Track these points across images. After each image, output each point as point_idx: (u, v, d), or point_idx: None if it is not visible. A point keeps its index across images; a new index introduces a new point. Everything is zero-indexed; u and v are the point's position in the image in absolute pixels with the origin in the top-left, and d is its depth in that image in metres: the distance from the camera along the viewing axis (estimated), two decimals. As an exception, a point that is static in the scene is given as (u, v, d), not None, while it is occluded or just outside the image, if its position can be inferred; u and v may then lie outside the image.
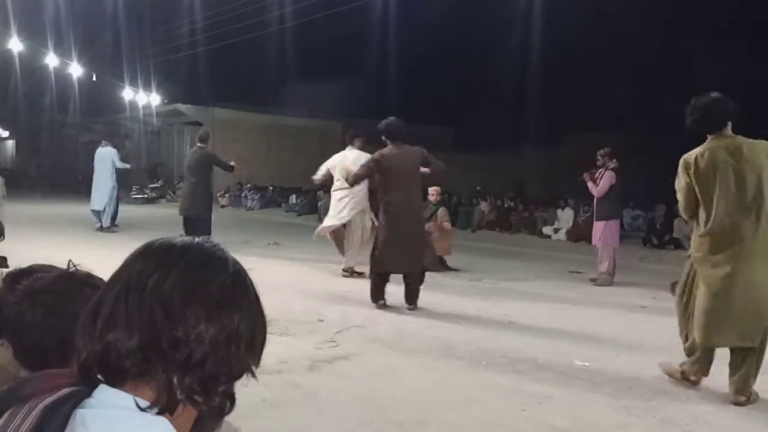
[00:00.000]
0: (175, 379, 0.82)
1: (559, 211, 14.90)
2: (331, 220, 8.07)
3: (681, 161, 3.87)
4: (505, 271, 9.36)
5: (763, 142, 3.76)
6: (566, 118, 25.90)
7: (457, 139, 31.51)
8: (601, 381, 4.07)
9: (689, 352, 3.93)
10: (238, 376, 0.89)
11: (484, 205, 16.72)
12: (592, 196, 8.65)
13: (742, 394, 3.68)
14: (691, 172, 3.78)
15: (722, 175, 3.70)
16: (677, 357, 4.05)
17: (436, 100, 30.32)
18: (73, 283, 1.27)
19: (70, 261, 1.34)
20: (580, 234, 12.99)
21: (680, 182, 3.89)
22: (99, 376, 0.85)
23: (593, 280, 8.47)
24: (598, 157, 8.41)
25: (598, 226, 8.37)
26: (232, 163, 10.09)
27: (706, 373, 3.91)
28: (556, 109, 25.95)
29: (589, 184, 8.38)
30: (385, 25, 24.00)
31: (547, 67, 25.50)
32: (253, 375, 0.92)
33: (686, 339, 3.95)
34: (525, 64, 25.79)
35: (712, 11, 21.60)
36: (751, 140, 3.77)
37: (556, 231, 14.34)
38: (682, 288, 3.97)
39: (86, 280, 1.29)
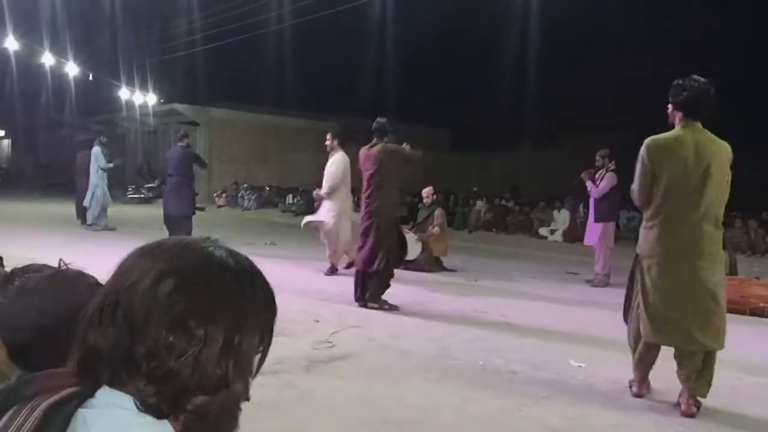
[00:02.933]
0: (141, 387, 0.80)
1: (555, 212, 14.93)
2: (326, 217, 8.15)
3: (645, 143, 3.71)
4: (501, 271, 9.38)
5: (726, 144, 3.66)
6: (563, 119, 25.96)
7: (454, 140, 31.55)
8: (597, 381, 4.08)
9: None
10: (217, 390, 0.83)
11: (480, 204, 16.74)
12: (587, 197, 8.67)
13: (695, 404, 3.57)
14: (653, 157, 3.66)
15: (683, 167, 3.58)
16: (670, 357, 4.05)
17: (433, 100, 30.33)
18: (65, 281, 1.26)
19: (61, 260, 1.33)
20: (576, 235, 13.02)
21: (640, 166, 3.72)
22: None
23: (589, 281, 8.49)
24: (598, 158, 8.40)
25: (597, 227, 8.34)
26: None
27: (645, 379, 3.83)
28: (554, 109, 26.00)
29: (588, 184, 8.34)
30: (382, 25, 23.98)
31: (543, 68, 25.52)
32: (245, 394, 0.86)
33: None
34: (521, 65, 25.80)
35: (711, 11, 21.66)
36: (718, 139, 3.66)
37: (552, 232, 14.37)
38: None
39: (78, 278, 1.28)
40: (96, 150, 12.23)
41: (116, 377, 0.82)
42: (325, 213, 8.10)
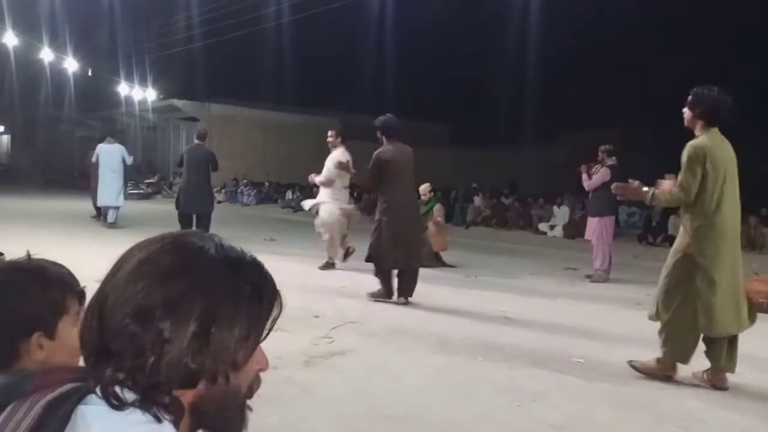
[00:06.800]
0: (108, 374, 0.80)
1: (555, 208, 14.94)
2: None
3: (694, 149, 3.88)
4: (500, 267, 9.38)
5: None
6: (563, 116, 25.94)
7: (454, 136, 31.55)
8: (596, 377, 4.08)
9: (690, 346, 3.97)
10: (194, 384, 0.82)
11: (477, 200, 16.76)
12: (587, 192, 8.70)
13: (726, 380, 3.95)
14: (707, 161, 3.85)
15: (729, 169, 3.90)
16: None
17: (434, 96, 30.32)
18: (20, 274, 1.20)
19: (27, 251, 1.29)
20: (576, 231, 13.02)
21: (694, 169, 3.87)
22: None
23: (589, 277, 8.49)
24: (599, 153, 8.44)
25: (592, 222, 8.40)
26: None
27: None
28: (554, 106, 25.98)
29: (583, 176, 8.38)
30: (382, 21, 23.96)
31: (544, 65, 25.52)
32: (213, 379, 0.83)
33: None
34: (522, 62, 25.79)
35: (709, 11, 21.65)
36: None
37: (551, 227, 14.38)
38: (679, 283, 3.96)
39: (35, 272, 1.21)
40: (121, 147, 12.18)
41: (96, 369, 0.82)
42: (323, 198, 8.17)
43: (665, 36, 23.51)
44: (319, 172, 8.31)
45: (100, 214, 12.30)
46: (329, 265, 8.21)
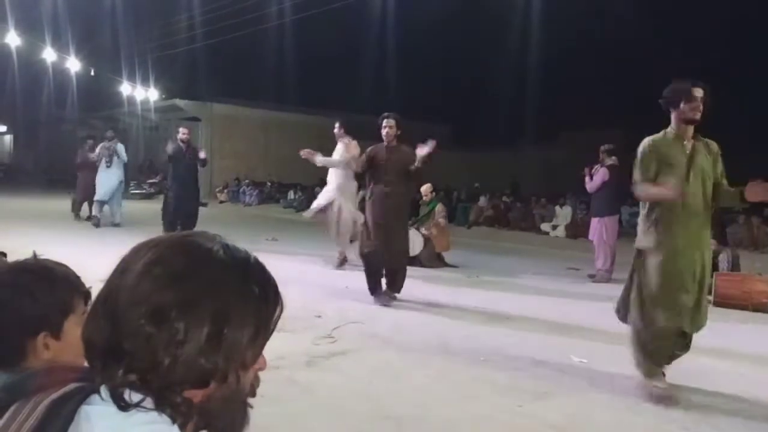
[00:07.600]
0: (119, 375, 0.80)
1: (557, 208, 14.93)
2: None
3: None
4: (502, 267, 9.37)
5: None
6: (563, 116, 25.94)
7: (454, 136, 31.53)
8: (599, 378, 4.08)
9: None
10: (206, 383, 0.83)
11: (483, 200, 16.75)
12: (589, 193, 8.74)
13: None
14: None
15: None
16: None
17: (435, 96, 30.30)
18: (26, 274, 1.20)
19: (34, 251, 1.30)
20: (578, 231, 13.02)
21: None
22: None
23: (591, 277, 8.49)
24: (600, 153, 8.52)
25: (593, 222, 8.46)
26: None
27: None
28: (554, 106, 25.97)
29: (586, 179, 8.47)
30: (384, 22, 23.96)
31: (544, 65, 25.51)
32: (224, 379, 0.84)
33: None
34: (523, 62, 25.79)
35: (709, 11, 21.63)
36: None
37: (554, 228, 14.37)
38: None
39: (41, 272, 1.21)
40: (120, 146, 12.24)
41: (106, 370, 0.82)
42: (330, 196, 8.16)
43: (665, 36, 23.48)
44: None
45: (93, 212, 12.31)
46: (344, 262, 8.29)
